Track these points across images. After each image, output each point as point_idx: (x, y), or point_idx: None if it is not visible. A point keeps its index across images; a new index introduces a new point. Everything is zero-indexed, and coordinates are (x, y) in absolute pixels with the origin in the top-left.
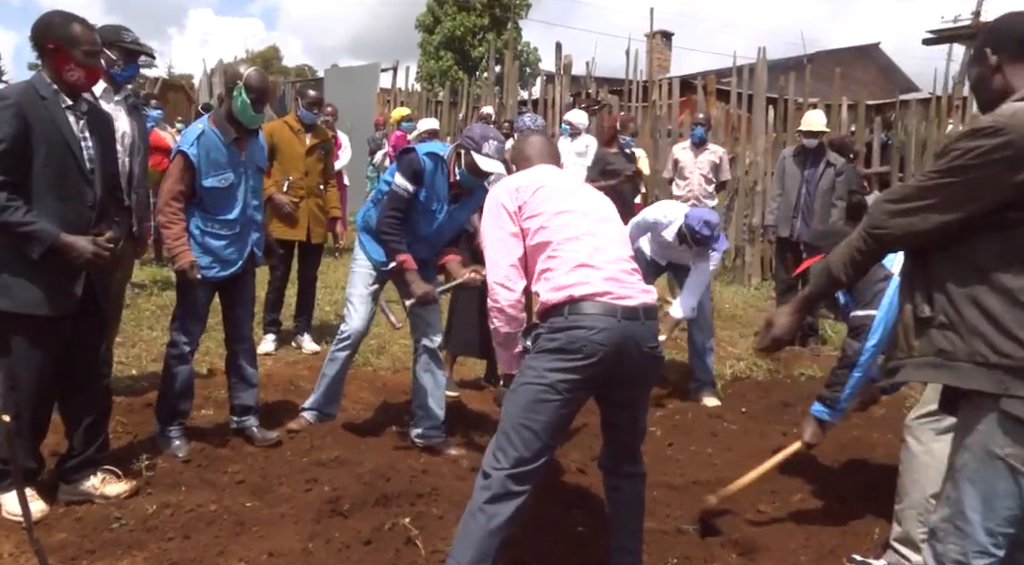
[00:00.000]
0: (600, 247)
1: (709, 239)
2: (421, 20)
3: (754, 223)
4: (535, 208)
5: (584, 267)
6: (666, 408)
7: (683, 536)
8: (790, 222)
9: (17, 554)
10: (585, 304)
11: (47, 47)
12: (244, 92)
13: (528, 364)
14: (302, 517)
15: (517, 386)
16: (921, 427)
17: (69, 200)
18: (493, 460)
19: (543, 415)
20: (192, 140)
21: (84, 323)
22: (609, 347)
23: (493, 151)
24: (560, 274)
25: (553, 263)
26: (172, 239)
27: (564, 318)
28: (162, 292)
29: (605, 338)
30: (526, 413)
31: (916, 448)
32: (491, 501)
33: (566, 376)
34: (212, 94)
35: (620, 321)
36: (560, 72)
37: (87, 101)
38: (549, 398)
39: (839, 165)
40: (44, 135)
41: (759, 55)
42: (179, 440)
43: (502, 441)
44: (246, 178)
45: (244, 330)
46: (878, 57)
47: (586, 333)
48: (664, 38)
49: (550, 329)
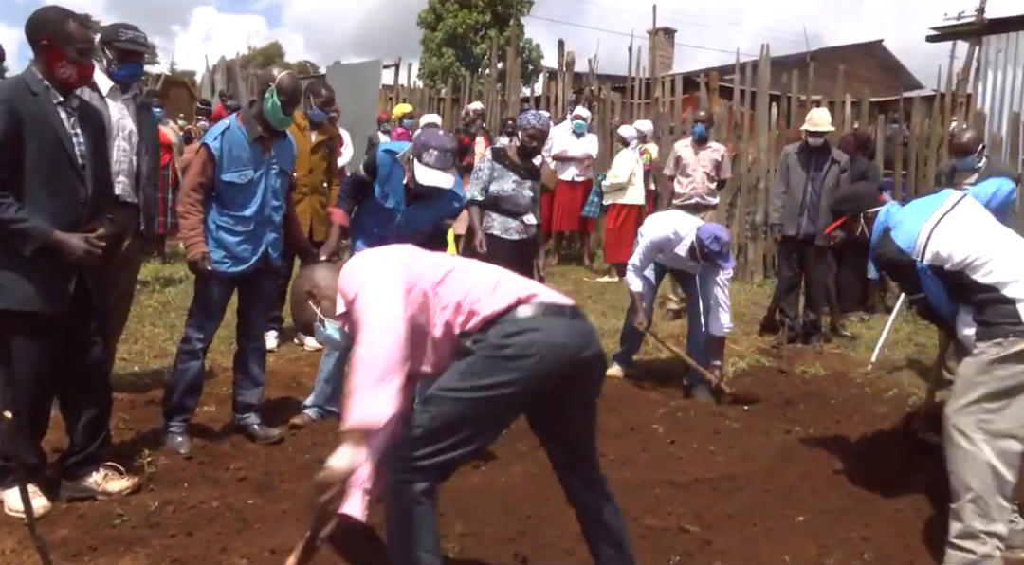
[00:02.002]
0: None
1: (718, 255)
2: (423, 17)
3: (757, 220)
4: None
5: (503, 281)
6: (668, 406)
7: (685, 534)
8: (796, 220)
9: (19, 550)
10: (532, 307)
11: (40, 43)
12: (275, 94)
13: (473, 368)
14: (304, 514)
15: (455, 387)
16: (964, 419)
17: (61, 196)
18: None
19: (488, 426)
20: (216, 134)
21: (81, 320)
22: (567, 346)
23: (433, 161)
24: (486, 290)
25: (471, 285)
26: (187, 229)
27: (514, 323)
28: (164, 289)
29: (562, 339)
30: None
31: (960, 441)
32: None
33: (519, 385)
34: (214, 91)
35: (570, 319)
36: (562, 69)
37: (78, 97)
38: (495, 407)
39: (843, 162)
40: (35, 131)
41: (762, 52)
42: (181, 436)
43: (422, 435)
44: (267, 177)
45: (256, 329)
46: (881, 54)
47: (543, 335)
48: (667, 35)
49: (500, 335)
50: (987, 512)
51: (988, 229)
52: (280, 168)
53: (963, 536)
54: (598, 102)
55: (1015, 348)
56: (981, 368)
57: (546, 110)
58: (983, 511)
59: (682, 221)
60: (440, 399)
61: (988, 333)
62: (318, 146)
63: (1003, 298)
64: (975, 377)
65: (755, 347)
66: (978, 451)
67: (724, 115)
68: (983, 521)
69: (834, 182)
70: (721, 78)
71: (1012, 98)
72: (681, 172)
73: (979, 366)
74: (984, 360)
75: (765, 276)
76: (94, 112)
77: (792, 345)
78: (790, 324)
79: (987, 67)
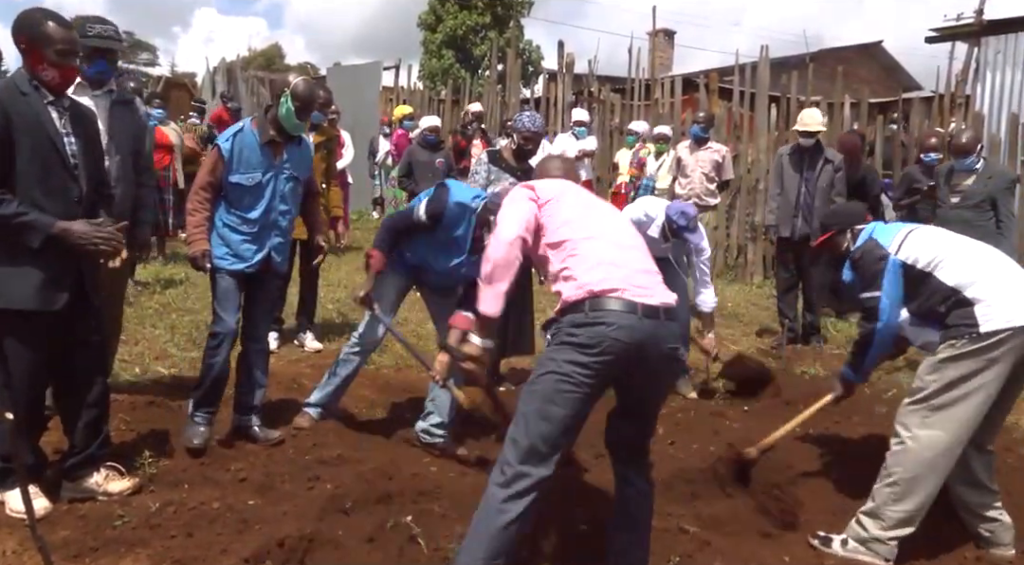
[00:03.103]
0: (622, 247)
1: (686, 229)
2: (423, 18)
3: (756, 222)
4: (557, 207)
5: (605, 265)
6: (668, 406)
7: (685, 535)
8: (791, 221)
9: (20, 552)
10: (605, 300)
11: (20, 46)
12: (290, 100)
13: (547, 356)
14: (305, 515)
15: (535, 377)
16: (910, 413)
17: (54, 195)
18: (510, 451)
19: (561, 407)
20: (229, 136)
21: (79, 319)
22: (629, 344)
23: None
24: (580, 271)
25: (573, 262)
26: (192, 226)
27: (584, 314)
28: (164, 290)
29: (625, 335)
30: (544, 404)
31: (904, 434)
32: (506, 496)
33: (585, 370)
34: (215, 93)
35: (640, 318)
36: (562, 70)
37: (68, 96)
38: (568, 389)
39: (837, 161)
40: (27, 131)
41: (761, 53)
42: (203, 427)
43: (518, 432)
44: (276, 182)
45: (259, 330)
46: (881, 55)
47: (606, 329)
48: (666, 36)
49: (570, 324)
50: (901, 498)
51: (955, 237)
52: (291, 174)
53: (869, 513)
54: (598, 103)
55: (966, 348)
56: (933, 367)
57: (546, 111)
58: (898, 496)
59: (652, 204)
60: (526, 393)
61: (946, 335)
62: (316, 148)
63: (964, 300)
64: (925, 375)
65: (755, 348)
66: (914, 446)
67: (723, 116)
68: (893, 506)
69: (828, 182)
70: (721, 79)
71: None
72: (681, 173)
73: (931, 365)
74: (936, 360)
75: (764, 277)
76: (86, 112)
77: (792, 346)
78: (789, 325)
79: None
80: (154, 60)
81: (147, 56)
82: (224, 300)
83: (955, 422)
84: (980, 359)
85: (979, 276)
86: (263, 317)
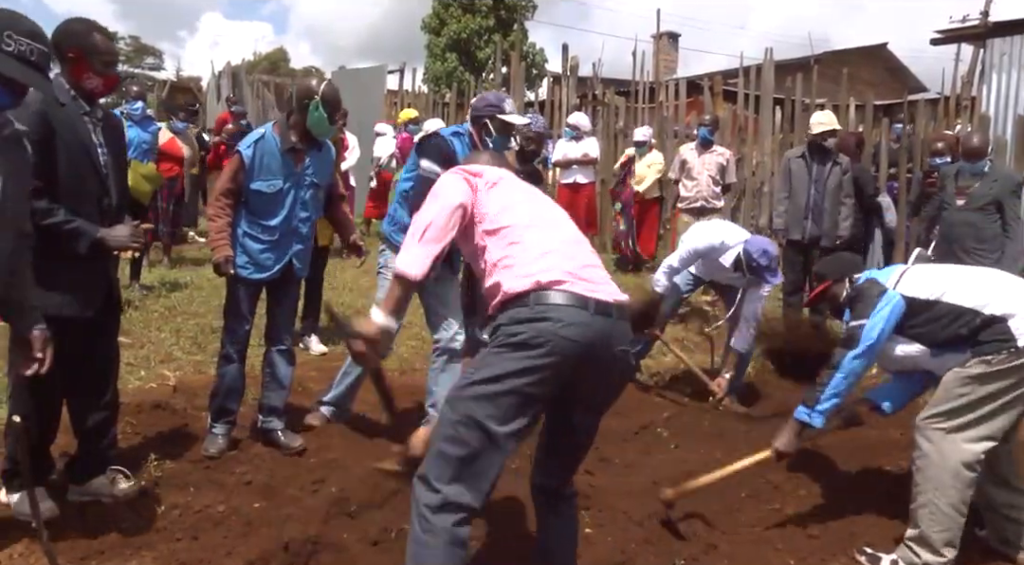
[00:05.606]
0: (568, 241)
1: (766, 270)
2: (427, 22)
3: (761, 224)
4: (498, 191)
5: (552, 254)
6: (673, 409)
7: (690, 538)
8: (801, 224)
9: (27, 554)
10: (553, 293)
11: (67, 55)
12: (321, 106)
13: (485, 361)
14: (309, 518)
15: (468, 384)
16: (930, 427)
17: (87, 204)
18: (437, 470)
19: (497, 422)
20: (250, 142)
21: (103, 325)
22: (578, 343)
23: (512, 108)
24: (525, 261)
25: (515, 250)
26: (214, 232)
27: (529, 308)
28: (170, 294)
29: (574, 333)
30: (479, 416)
31: (927, 448)
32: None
33: (529, 377)
34: (220, 97)
35: (592, 315)
36: (566, 74)
37: (101, 107)
38: (509, 401)
39: (845, 163)
40: (65, 140)
41: (766, 56)
42: (221, 438)
43: (448, 448)
44: (297, 189)
45: (282, 332)
46: (886, 58)
47: (553, 325)
48: (671, 39)
49: (512, 321)
50: (937, 516)
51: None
52: (312, 180)
53: (915, 539)
54: (602, 106)
55: (1005, 364)
56: (962, 381)
57: (550, 115)
58: (935, 516)
59: (731, 232)
60: (455, 400)
61: (979, 351)
62: None
63: (992, 317)
64: (954, 388)
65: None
66: (941, 460)
67: (728, 119)
68: (936, 528)
69: (836, 183)
70: (725, 82)
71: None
72: (686, 175)
73: (960, 379)
74: (966, 374)
75: None
76: (115, 123)
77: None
78: None
79: (991, 70)
80: (160, 64)
81: (152, 60)
82: (237, 310)
83: (984, 434)
84: (1019, 374)
85: (993, 295)
86: (285, 320)
